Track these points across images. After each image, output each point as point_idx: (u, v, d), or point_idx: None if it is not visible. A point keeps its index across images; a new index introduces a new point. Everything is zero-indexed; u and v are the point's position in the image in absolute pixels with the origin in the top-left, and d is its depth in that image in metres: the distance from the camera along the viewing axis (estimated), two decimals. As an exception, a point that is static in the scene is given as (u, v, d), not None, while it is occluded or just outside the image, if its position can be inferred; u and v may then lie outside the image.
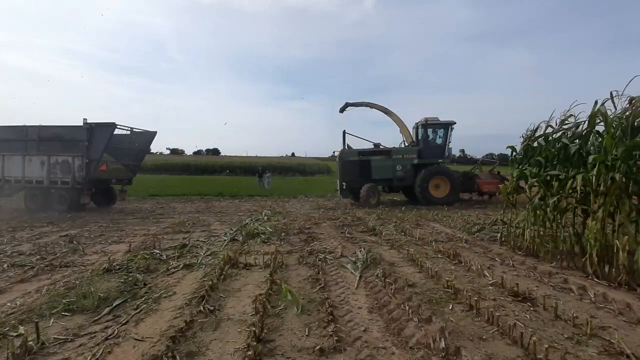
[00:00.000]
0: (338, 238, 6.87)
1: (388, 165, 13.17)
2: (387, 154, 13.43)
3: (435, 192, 12.62)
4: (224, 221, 9.15)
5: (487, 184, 12.83)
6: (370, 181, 13.01)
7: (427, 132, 13.26)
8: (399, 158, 13.22)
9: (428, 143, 13.23)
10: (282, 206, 13.05)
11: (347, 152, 13.71)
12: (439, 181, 12.67)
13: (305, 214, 10.54)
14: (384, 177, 13.25)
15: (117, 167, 11.99)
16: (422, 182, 12.45)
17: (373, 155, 13.49)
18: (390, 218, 9.59)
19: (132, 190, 19.03)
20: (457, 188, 12.61)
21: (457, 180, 12.62)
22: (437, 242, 6.42)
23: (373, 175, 13.17)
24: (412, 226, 8.14)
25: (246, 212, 11.07)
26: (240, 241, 6.50)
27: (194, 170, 48.58)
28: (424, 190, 12.48)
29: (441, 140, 13.18)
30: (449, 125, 13.08)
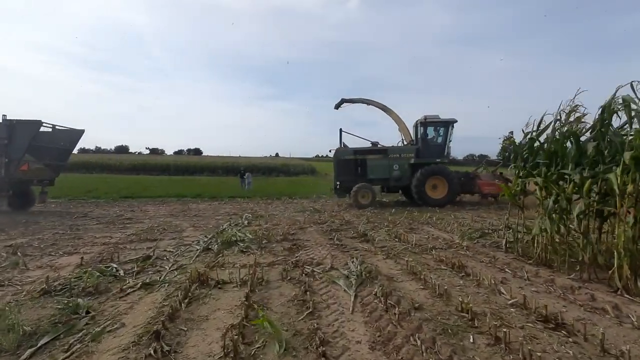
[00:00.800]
0: (326, 246, 6.13)
1: (385, 165, 12.61)
2: (383, 152, 12.87)
3: (433, 193, 12.05)
4: (199, 226, 8.26)
5: (489, 185, 12.23)
6: (366, 181, 12.45)
7: (426, 131, 12.69)
8: (396, 157, 12.65)
9: (427, 142, 12.62)
10: (264, 209, 12.22)
11: (342, 151, 13.11)
12: (436, 181, 12.07)
13: (290, 218, 9.76)
14: (380, 177, 12.70)
15: (38, 168, 10.91)
16: (419, 182, 11.88)
17: (369, 154, 12.91)
18: (381, 222, 8.93)
19: (101, 193, 17.84)
20: (455, 189, 12.02)
21: (455, 181, 12.01)
22: (436, 249, 5.78)
23: (369, 174, 12.65)
24: (406, 231, 7.50)
25: (225, 216, 10.20)
26: (215, 251, 5.66)
27: (174, 170, 46.80)
28: (421, 191, 11.92)
29: (441, 139, 12.59)
30: (449, 123, 12.50)
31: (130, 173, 45.25)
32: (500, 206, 11.90)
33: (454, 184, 11.95)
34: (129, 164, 48.28)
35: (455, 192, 12.09)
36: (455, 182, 11.98)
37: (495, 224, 8.31)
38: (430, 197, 11.97)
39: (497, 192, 12.10)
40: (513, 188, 5.70)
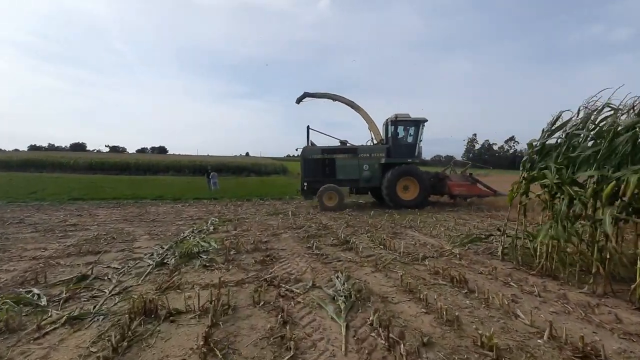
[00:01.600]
0: (305, 256, 5.36)
1: (354, 165, 12.02)
2: (353, 152, 12.22)
3: (404, 194, 11.59)
4: (156, 234, 7.18)
5: (459, 186, 11.89)
6: (334, 181, 11.85)
7: (396, 130, 12.16)
8: (366, 157, 12.07)
9: (398, 141, 12.09)
10: (233, 211, 11.22)
11: (309, 150, 12.36)
12: (407, 182, 11.59)
13: (262, 222, 8.88)
14: (349, 177, 12.09)
15: None
16: (390, 183, 11.38)
17: (338, 153, 12.24)
18: (361, 225, 8.28)
19: (48, 194, 15.93)
20: (426, 190, 11.55)
21: (427, 182, 11.62)
22: (428, 258, 5.18)
23: (337, 175, 12.05)
24: (390, 236, 6.88)
25: (188, 221, 9.13)
26: (171, 267, 4.71)
27: (135, 170, 43.91)
28: (392, 192, 11.43)
29: (412, 138, 12.08)
30: (420, 122, 11.97)
31: (86, 172, 41.91)
32: (479, 207, 11.68)
33: (425, 184, 11.51)
34: (84, 162, 44.76)
35: (427, 193, 11.64)
36: (426, 183, 11.56)
37: (481, 227, 7.92)
38: (402, 199, 11.47)
39: (467, 193, 11.89)
40: (516, 190, 5.20)
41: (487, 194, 11.93)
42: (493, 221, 8.79)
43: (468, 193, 11.82)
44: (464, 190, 11.83)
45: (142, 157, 54.72)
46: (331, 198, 11.35)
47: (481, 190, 11.97)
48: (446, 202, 12.84)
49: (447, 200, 13.03)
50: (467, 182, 12.03)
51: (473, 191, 11.93)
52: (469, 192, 11.79)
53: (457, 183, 11.97)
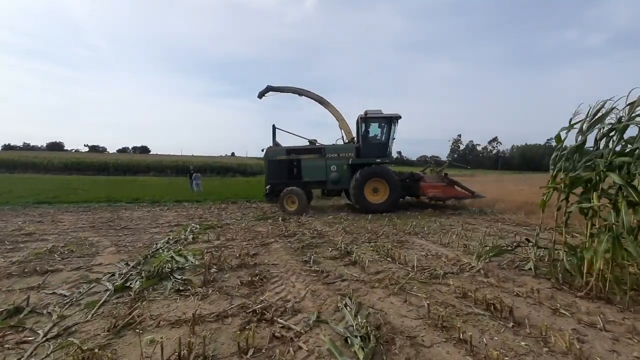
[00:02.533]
0: (301, 274, 4.46)
1: (321, 165, 11.13)
2: (320, 152, 11.32)
3: (373, 197, 10.62)
4: (124, 246, 6.15)
5: (433, 188, 10.82)
6: (300, 183, 11.10)
7: (367, 127, 11.12)
8: (334, 157, 11.15)
9: (368, 140, 11.11)
10: (217, 216, 10.20)
11: (273, 150, 11.58)
12: (377, 184, 10.62)
13: (248, 229, 7.92)
14: (316, 179, 11.23)
15: None
16: (357, 185, 10.40)
17: (304, 153, 11.38)
18: (360, 232, 7.44)
19: (13, 197, 14.49)
20: (396, 192, 10.55)
21: (397, 183, 10.56)
22: (449, 275, 4.37)
23: (303, 176, 11.21)
24: (395, 245, 6.07)
25: (164, 228, 8.09)
26: (135, 292, 3.74)
27: (114, 170, 42.01)
28: (359, 195, 10.46)
29: (384, 136, 11.09)
30: (392, 119, 10.96)
31: (62, 173, 39.79)
32: (482, 210, 10.98)
33: (395, 186, 10.53)
34: (59, 162, 42.51)
35: (398, 195, 10.68)
36: (397, 185, 10.56)
37: (492, 233, 7.19)
38: (370, 202, 10.54)
39: (443, 195, 10.89)
40: (548, 195, 4.45)
41: (464, 195, 11.06)
42: (503, 226, 8.10)
43: (443, 195, 10.84)
44: (438, 192, 10.81)
45: (122, 157, 52.59)
46: (293, 202, 10.58)
47: (458, 192, 11.02)
48: (447, 206, 12.12)
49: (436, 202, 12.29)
50: (442, 183, 10.99)
51: (449, 193, 10.92)
52: (444, 194, 10.81)
53: (431, 184, 10.93)
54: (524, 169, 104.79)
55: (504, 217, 9.49)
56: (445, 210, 10.81)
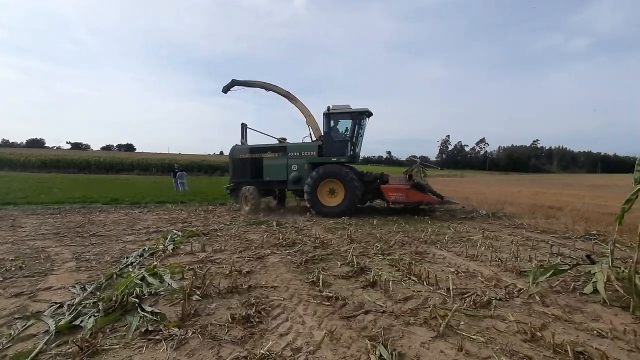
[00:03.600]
0: (311, 302, 3.47)
1: (282, 165, 10.70)
2: (282, 150, 10.87)
3: (330, 200, 9.93)
4: (88, 259, 5.05)
5: (395, 191, 9.66)
6: (263, 183, 11.00)
7: (330, 124, 10.37)
8: (296, 156, 10.64)
9: (330, 137, 10.32)
10: (203, 220, 9.12)
11: (238, 149, 11.58)
12: (333, 185, 9.89)
13: (240, 236, 6.90)
14: (277, 179, 10.83)
15: None
16: (310, 187, 9.87)
17: (266, 152, 11.05)
18: (368, 240, 6.50)
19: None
20: (353, 195, 9.63)
21: (353, 185, 9.63)
22: (498, 303, 3.45)
23: (265, 175, 10.95)
24: (415, 258, 5.14)
25: (141, 235, 6.99)
26: (84, 336, 2.68)
27: (96, 168, 40.18)
28: (313, 197, 9.89)
29: (348, 134, 10.28)
30: (357, 115, 10.21)
31: (41, 171, 37.80)
32: (496, 214, 10.03)
33: (352, 188, 9.60)
34: (37, 160, 40.41)
35: (354, 198, 9.68)
36: (353, 187, 9.61)
37: (520, 242, 6.33)
38: (325, 205, 9.86)
39: (406, 199, 9.59)
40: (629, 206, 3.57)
41: (431, 201, 9.77)
42: (528, 234, 7.26)
43: (406, 199, 9.57)
44: (401, 196, 9.56)
45: (105, 155, 50.59)
46: (247, 202, 10.59)
47: (423, 197, 9.66)
48: (456, 210, 11.24)
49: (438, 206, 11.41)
50: (406, 186, 9.65)
51: (413, 197, 9.55)
52: (407, 199, 9.54)
53: (394, 187, 9.75)
54: (510, 170, 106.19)
55: (521, 222, 8.67)
56: (456, 215, 9.96)
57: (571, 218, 8.79)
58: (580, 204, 12.70)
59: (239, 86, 12.74)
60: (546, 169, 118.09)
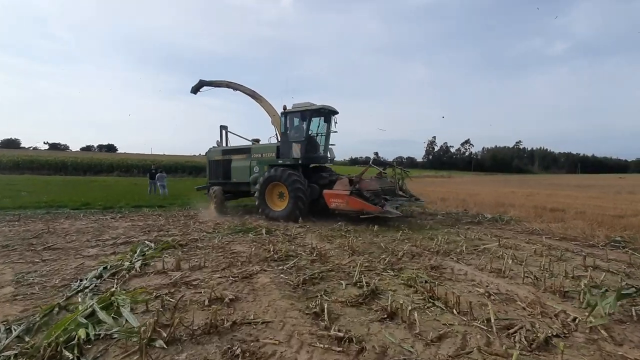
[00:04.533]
0: (316, 348, 2.60)
1: (246, 166, 10.60)
2: (247, 152, 10.84)
3: (279, 203, 9.36)
4: (30, 284, 4.04)
5: (335, 197, 8.33)
6: (231, 184, 11.00)
7: (287, 124, 9.78)
8: (258, 157, 10.48)
9: (286, 137, 9.68)
10: (182, 227, 8.14)
11: (213, 151, 11.78)
12: (282, 189, 9.26)
13: (223, 247, 5.97)
14: (242, 180, 10.68)
15: None
16: (259, 190, 9.50)
17: (234, 153, 11.16)
18: (372, 251, 5.68)
19: None
20: (295, 199, 8.80)
21: (296, 188, 8.78)
22: (557, 341, 2.67)
23: (232, 177, 10.97)
24: (432, 275, 4.35)
25: (106, 247, 5.98)
26: None
27: (73, 169, 38.16)
28: (261, 200, 9.49)
29: (305, 133, 9.41)
30: (315, 112, 9.43)
31: (12, 172, 35.57)
32: (502, 218, 9.29)
33: (294, 192, 8.79)
34: (9, 160, 38.10)
35: (298, 202, 8.77)
36: (295, 190, 8.78)
37: (543, 252, 5.62)
38: (271, 209, 9.36)
39: (345, 207, 8.14)
40: None
41: (370, 210, 7.77)
42: (547, 241, 6.58)
43: (345, 207, 8.15)
44: (341, 202, 8.18)
45: (82, 156, 48.29)
46: (212, 202, 10.68)
47: (364, 205, 7.84)
48: (459, 213, 10.55)
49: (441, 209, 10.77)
50: (345, 192, 8.14)
51: (353, 205, 8.00)
52: (346, 206, 8.11)
53: (335, 192, 8.42)
54: (494, 170, 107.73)
55: (532, 226, 8.01)
56: (461, 219, 9.23)
57: (582, 221, 8.21)
58: (579, 205, 12.26)
59: (208, 86, 12.72)
60: (528, 169, 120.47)
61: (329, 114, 9.84)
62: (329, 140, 10.27)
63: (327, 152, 10.33)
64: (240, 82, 12.54)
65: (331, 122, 10.04)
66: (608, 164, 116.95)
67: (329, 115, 9.92)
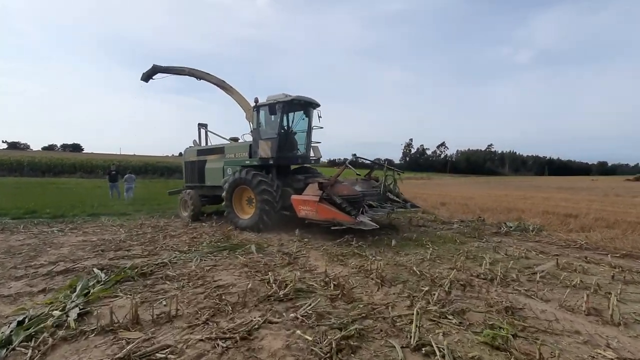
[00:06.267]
0: None
1: (219, 168, 9.30)
2: (221, 152, 9.52)
3: (248, 210, 8.01)
4: None
5: (303, 204, 6.76)
6: (206, 187, 9.73)
7: (258, 119, 8.32)
8: (231, 158, 9.13)
9: (259, 134, 8.19)
10: (150, 242, 6.48)
11: (189, 151, 10.55)
12: (250, 194, 7.89)
13: (203, 276, 4.41)
14: (216, 183, 9.30)
15: None
16: (226, 195, 8.23)
17: (209, 154, 9.87)
18: (404, 278, 4.29)
19: None
20: (262, 205, 7.35)
21: (262, 193, 7.36)
22: None
23: (206, 179, 9.73)
24: (512, 321, 3.03)
25: (37, 279, 4.30)
26: None
27: (30, 170, 34.63)
28: (229, 207, 8.22)
29: (278, 129, 7.93)
30: (290, 105, 7.89)
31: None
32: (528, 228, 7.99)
33: (261, 194, 7.37)
34: (-48, 160, 34.07)
35: (265, 207, 7.31)
36: (263, 194, 7.34)
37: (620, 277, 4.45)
38: (239, 217, 8.01)
39: (315, 216, 6.55)
40: None
41: (342, 220, 6.23)
42: (608, 259, 5.48)
43: (315, 216, 6.56)
44: (310, 211, 6.63)
45: (41, 155, 44.24)
46: (185, 208, 9.63)
47: (336, 214, 6.28)
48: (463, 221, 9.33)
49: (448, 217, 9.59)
50: (314, 199, 6.57)
51: (324, 214, 6.41)
52: (316, 215, 6.52)
53: (302, 199, 6.86)
54: (468, 172, 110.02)
55: (565, 236, 6.90)
56: (483, 229, 7.87)
57: (613, 230, 7.25)
58: (589, 209, 11.48)
59: (163, 73, 11.09)
60: (499, 172, 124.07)
61: (307, 106, 8.34)
62: (311, 137, 8.76)
63: (309, 151, 8.82)
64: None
65: (312, 116, 8.56)
66: (572, 166, 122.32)
67: (308, 108, 8.44)
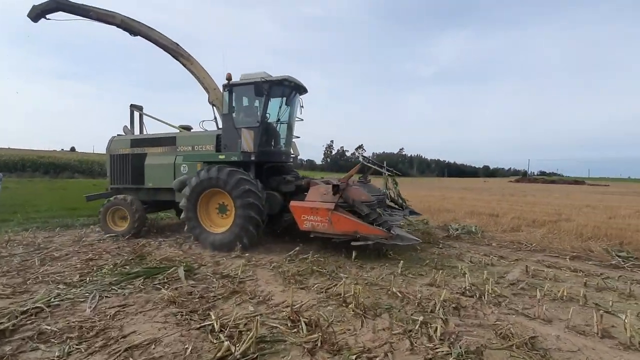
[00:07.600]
0: None
1: (169, 164, 7.06)
2: (170, 143, 7.25)
3: (220, 222, 6.18)
4: None
5: (310, 213, 5.36)
6: (146, 190, 7.42)
7: (231, 102, 6.44)
8: (188, 151, 7.03)
9: (231, 121, 6.39)
10: (18, 269, 4.48)
11: (118, 141, 7.82)
12: (224, 199, 6.12)
13: (104, 328, 2.92)
14: (163, 185, 7.17)
15: None
16: (188, 202, 6.14)
17: (150, 145, 7.45)
18: (385, 304, 3.47)
19: None
20: (244, 215, 5.66)
21: (244, 198, 5.67)
22: None
23: (147, 180, 7.36)
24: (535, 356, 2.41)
25: None
26: None
27: None
28: (193, 218, 6.14)
29: (257, 116, 6.33)
30: (271, 85, 6.10)
31: None
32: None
33: (245, 204, 5.66)
34: None
35: (248, 218, 5.65)
36: (248, 200, 5.65)
37: (599, 285, 4.31)
38: (209, 232, 6.02)
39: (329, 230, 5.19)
40: None
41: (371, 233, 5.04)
42: (584, 266, 5.44)
43: (328, 229, 5.20)
44: (320, 222, 5.27)
45: None
46: (123, 218, 7.14)
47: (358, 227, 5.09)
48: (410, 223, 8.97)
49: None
50: (328, 206, 5.25)
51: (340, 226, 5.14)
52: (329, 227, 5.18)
53: (308, 207, 5.42)
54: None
55: (511, 238, 6.99)
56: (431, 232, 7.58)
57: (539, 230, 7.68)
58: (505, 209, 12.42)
59: (68, 13, 7.46)
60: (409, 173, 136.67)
61: (295, 90, 6.67)
62: (293, 130, 7.19)
63: (289, 147, 7.26)
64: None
65: (295, 104, 6.91)
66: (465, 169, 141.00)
67: (295, 94, 6.79)
